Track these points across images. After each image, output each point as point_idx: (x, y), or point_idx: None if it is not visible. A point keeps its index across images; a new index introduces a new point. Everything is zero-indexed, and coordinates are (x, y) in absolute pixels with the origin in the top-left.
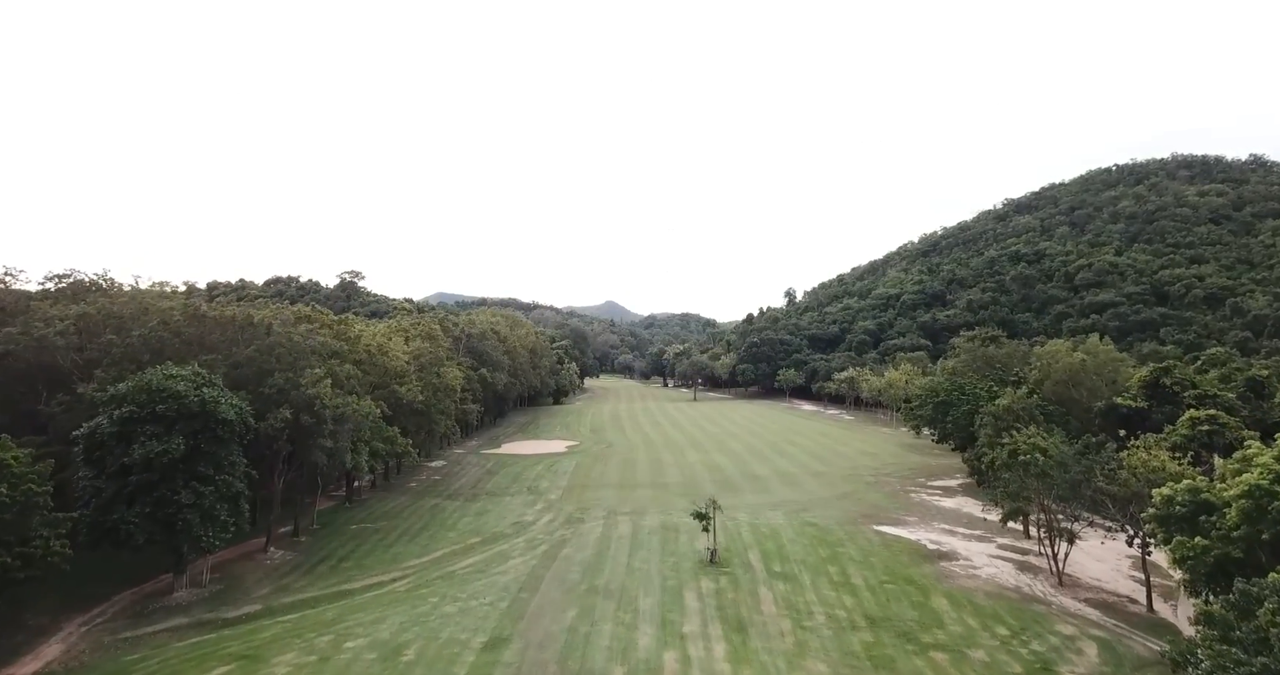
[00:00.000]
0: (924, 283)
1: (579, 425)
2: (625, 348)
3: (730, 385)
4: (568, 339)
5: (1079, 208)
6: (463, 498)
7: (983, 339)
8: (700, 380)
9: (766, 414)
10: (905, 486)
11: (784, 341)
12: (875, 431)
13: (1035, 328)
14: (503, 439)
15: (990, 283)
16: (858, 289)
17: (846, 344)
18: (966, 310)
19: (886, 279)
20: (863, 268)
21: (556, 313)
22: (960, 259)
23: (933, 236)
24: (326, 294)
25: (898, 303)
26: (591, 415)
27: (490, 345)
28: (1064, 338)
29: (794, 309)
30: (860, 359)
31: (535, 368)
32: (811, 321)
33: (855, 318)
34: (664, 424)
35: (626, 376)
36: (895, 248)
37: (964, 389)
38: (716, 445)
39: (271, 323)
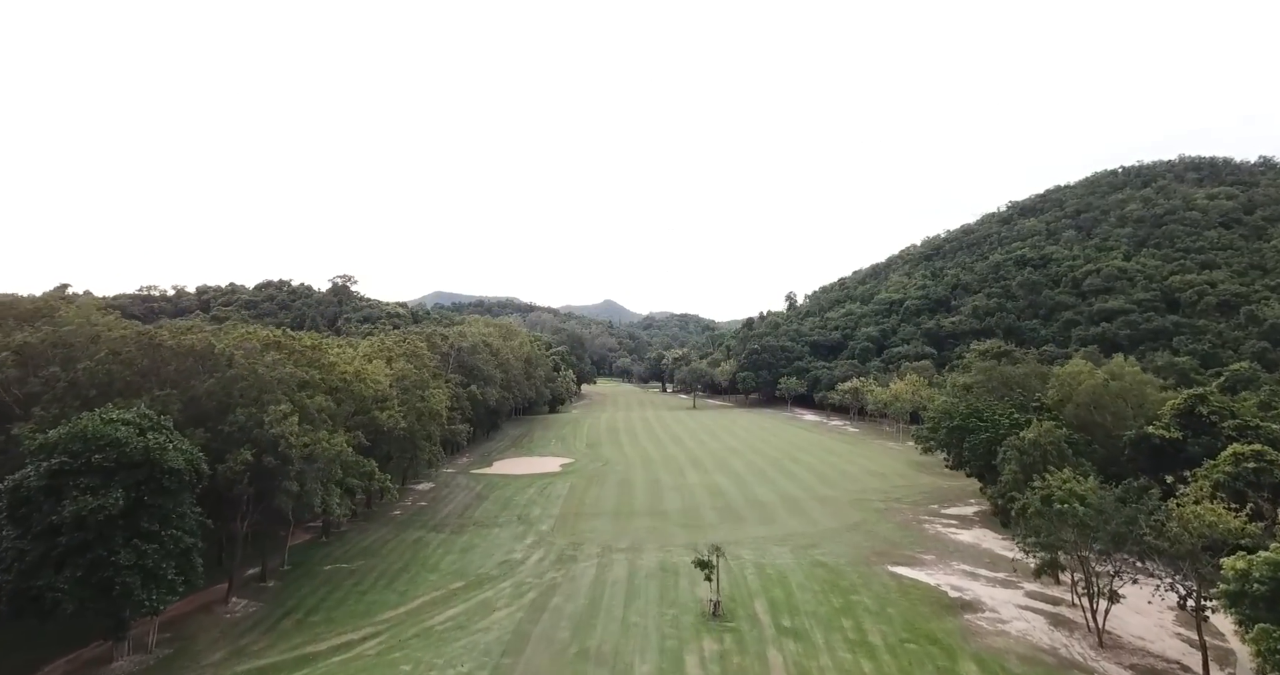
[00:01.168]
0: (928, 288)
1: (574, 439)
2: (623, 351)
3: (730, 392)
4: (564, 345)
5: (1085, 211)
6: (448, 529)
7: (995, 354)
8: (700, 387)
9: (768, 426)
10: (918, 515)
11: (785, 348)
12: (881, 447)
13: (1043, 336)
14: (495, 455)
15: (996, 288)
16: (860, 293)
17: (849, 351)
18: (972, 317)
19: (889, 283)
20: (865, 271)
21: (554, 315)
22: (964, 263)
23: (936, 240)
24: (318, 299)
25: (901, 308)
26: (588, 426)
27: (482, 359)
28: (1074, 346)
29: (795, 314)
30: (863, 367)
31: (530, 378)
32: (813, 327)
33: (858, 324)
34: (663, 438)
35: (624, 380)
36: (897, 251)
37: (982, 414)
38: (717, 464)
39: (234, 353)
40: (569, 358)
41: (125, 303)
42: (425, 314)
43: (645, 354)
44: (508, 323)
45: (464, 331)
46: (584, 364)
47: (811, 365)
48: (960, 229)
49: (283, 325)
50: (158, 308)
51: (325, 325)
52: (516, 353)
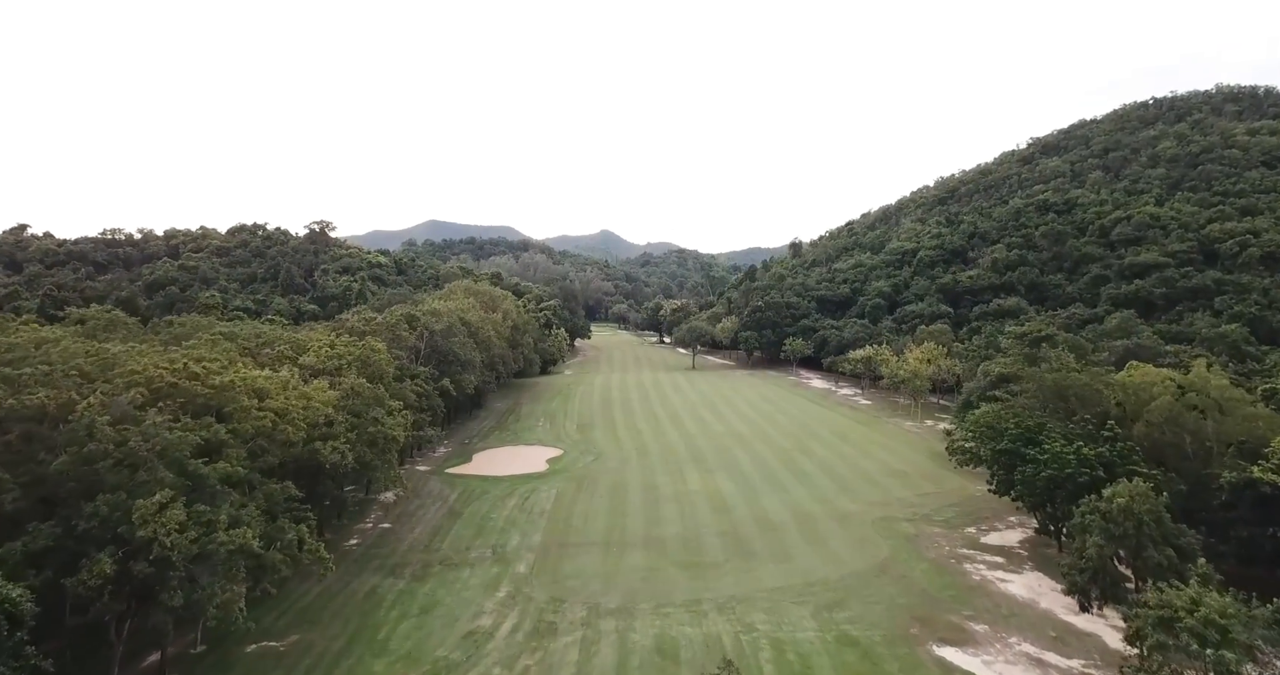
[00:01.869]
0: (943, 237)
1: (564, 417)
2: (620, 295)
3: (732, 348)
4: (556, 298)
5: (1113, 149)
6: (409, 572)
7: (1034, 337)
8: (700, 344)
9: (773, 396)
10: (954, 546)
11: (790, 305)
12: (898, 428)
13: (1069, 293)
14: (476, 443)
15: (1016, 237)
16: (869, 241)
17: (859, 308)
18: (991, 271)
19: (901, 230)
20: (874, 215)
21: (547, 257)
22: (982, 208)
23: (950, 181)
24: (295, 246)
25: (914, 259)
26: (580, 398)
27: (458, 343)
28: (1103, 306)
29: (800, 263)
30: (874, 328)
31: (517, 346)
32: (820, 279)
33: (868, 277)
34: (660, 416)
35: (620, 327)
36: (909, 193)
37: (1035, 437)
38: (720, 458)
39: (95, 419)
40: (561, 312)
41: (86, 248)
42: (410, 262)
43: (642, 299)
44: (491, 290)
45: (438, 310)
46: (577, 318)
47: (819, 324)
48: (976, 169)
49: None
50: (122, 253)
51: (301, 276)
52: (499, 330)
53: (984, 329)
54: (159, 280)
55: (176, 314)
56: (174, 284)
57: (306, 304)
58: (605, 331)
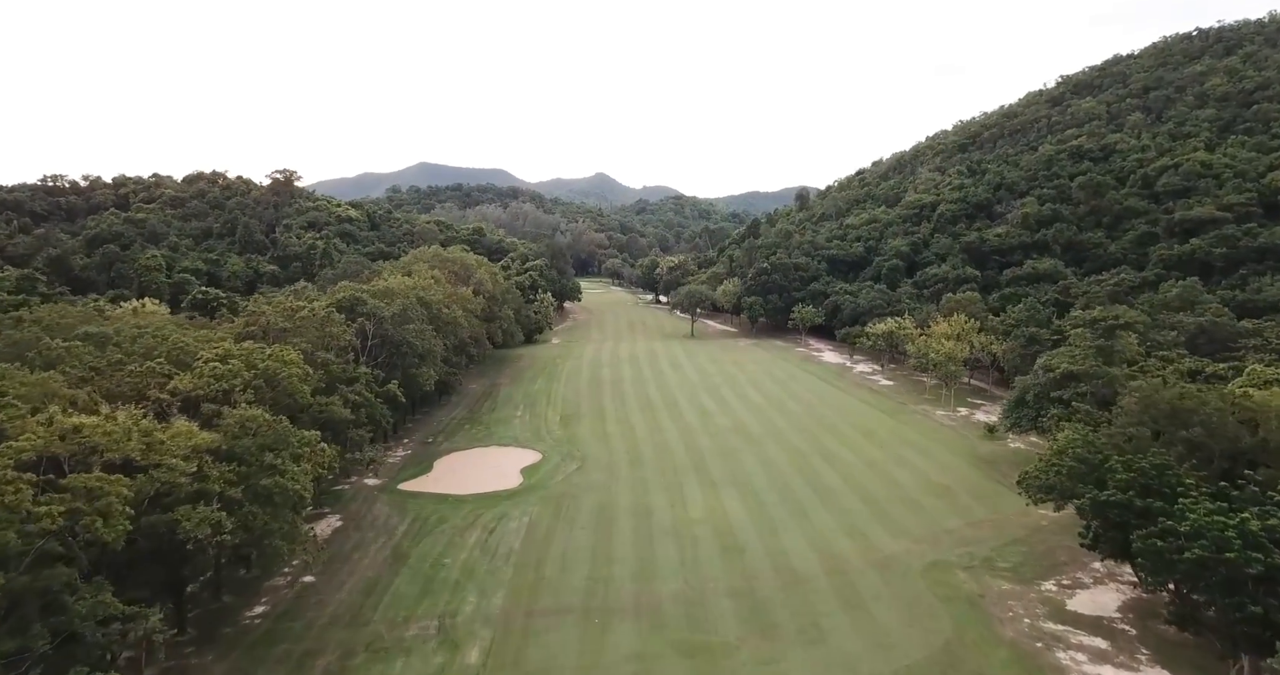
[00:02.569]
0: (965, 189)
1: (547, 405)
2: (613, 248)
3: (736, 312)
4: (543, 258)
5: (1155, 88)
6: (320, 671)
7: (1108, 324)
8: (700, 309)
9: (783, 375)
10: (1034, 614)
11: (799, 267)
12: (928, 420)
13: (1113, 253)
14: (441, 441)
15: (1048, 188)
16: (883, 192)
17: (874, 270)
18: (1022, 228)
19: (918, 181)
20: (887, 163)
21: (537, 206)
22: (1007, 156)
23: (971, 126)
24: (257, 197)
25: (934, 214)
26: (566, 377)
27: (414, 331)
28: (1152, 269)
29: (808, 217)
30: (893, 295)
31: (493, 319)
32: (831, 236)
33: (884, 234)
34: (656, 403)
35: (614, 283)
36: (925, 138)
37: (1160, 487)
38: (727, 468)
39: None
40: (548, 273)
41: (23, 196)
42: (386, 215)
43: (637, 253)
44: (463, 258)
45: (392, 289)
46: (566, 278)
47: (830, 288)
48: (1000, 112)
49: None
50: (64, 203)
51: (262, 232)
52: (470, 305)
53: (1022, 298)
54: (101, 235)
55: (116, 275)
56: (117, 240)
57: (266, 264)
58: (597, 288)
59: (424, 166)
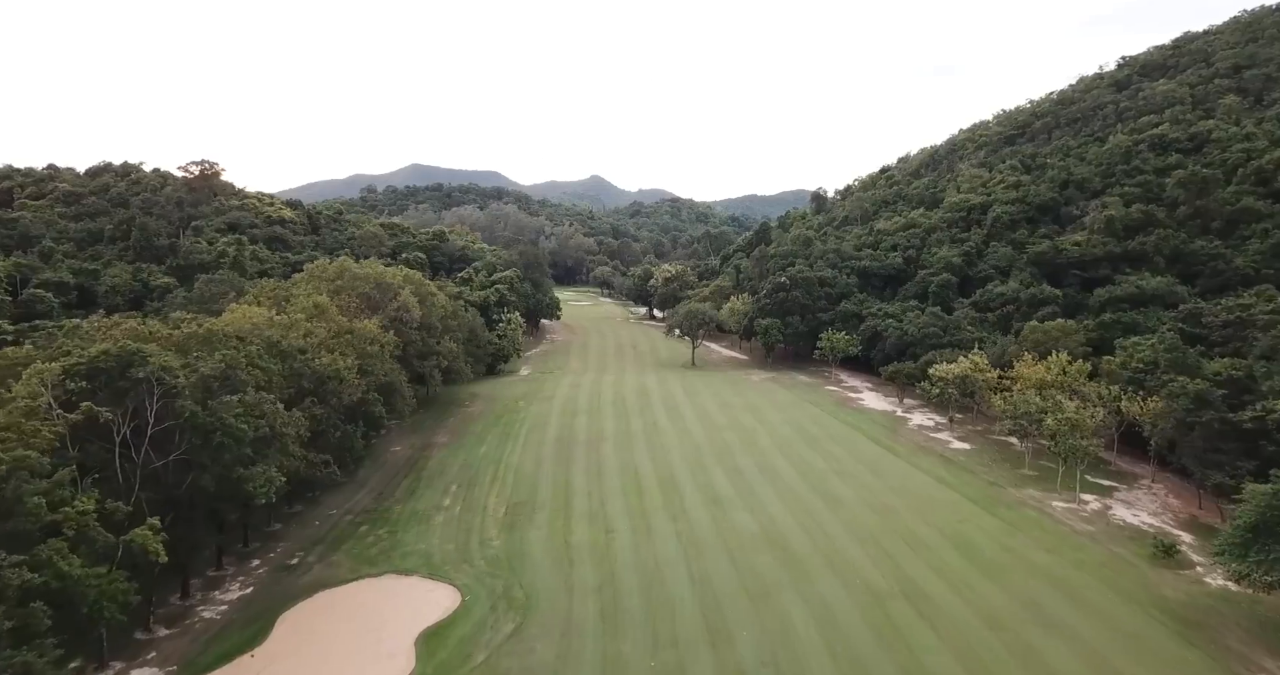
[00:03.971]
0: (1023, 187)
1: (490, 484)
2: (604, 254)
3: (747, 336)
4: (513, 267)
5: (1248, 66)
6: None
7: None
8: (703, 331)
9: (818, 431)
10: None
11: (825, 282)
12: (1052, 522)
13: (1239, 267)
14: (312, 565)
15: (1131, 187)
16: (917, 192)
17: (918, 285)
18: (1105, 234)
19: (960, 178)
20: (916, 159)
21: (520, 208)
22: (1068, 149)
23: (1017, 115)
24: (169, 194)
25: (986, 218)
26: (528, 431)
27: (241, 406)
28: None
29: (828, 221)
30: (948, 319)
31: (428, 355)
32: (860, 244)
33: (925, 241)
34: (647, 485)
35: (603, 294)
36: (959, 131)
37: None
38: (765, 636)
39: None
40: (521, 286)
41: None
42: (335, 216)
43: (629, 260)
44: (379, 274)
45: (213, 334)
46: (543, 292)
47: (865, 308)
48: (1052, 99)
49: (103, 234)
50: None
51: (169, 235)
52: (376, 343)
53: (1132, 328)
54: None
55: None
56: None
57: (161, 276)
58: (584, 300)
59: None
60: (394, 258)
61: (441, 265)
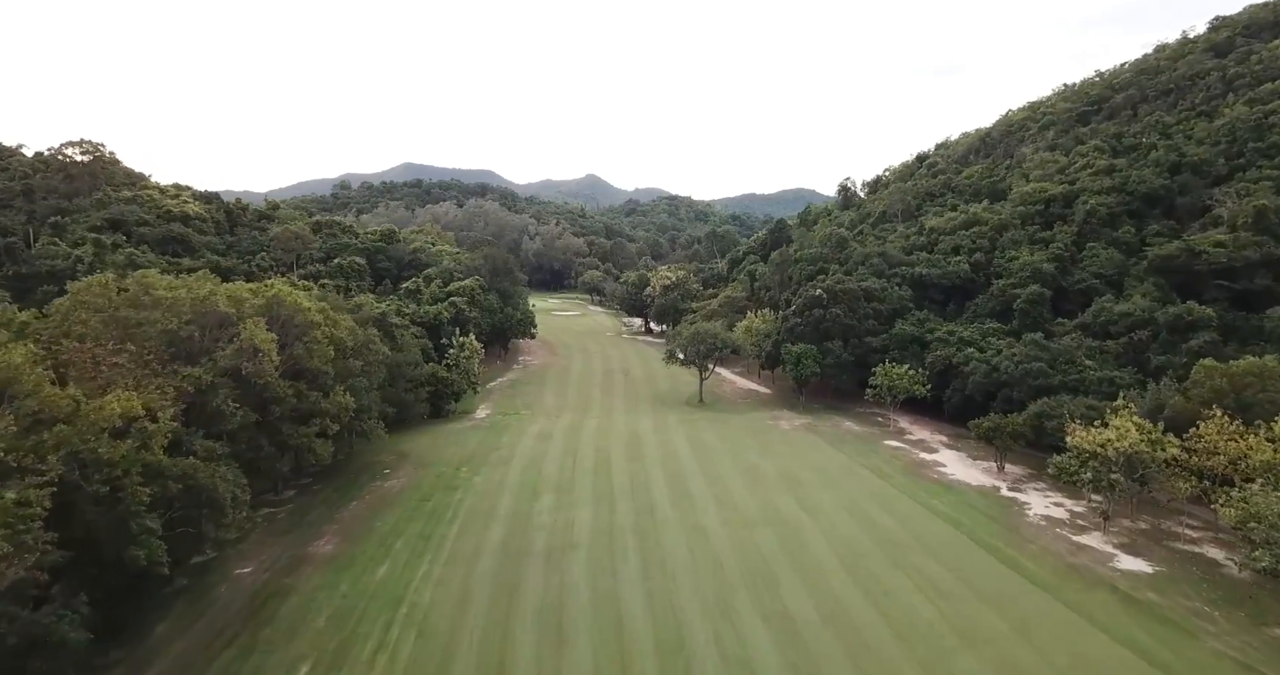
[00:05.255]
0: (1120, 173)
1: (379, 656)
2: (595, 256)
3: (770, 364)
4: (475, 276)
5: None
6: None
7: None
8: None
9: (899, 531)
10: None
11: (869, 293)
12: None
13: None
14: None
15: (1272, 169)
16: (970, 182)
17: (995, 298)
18: (1256, 230)
19: (1026, 163)
20: (961, 144)
21: (503, 206)
22: (1167, 126)
23: (1086, 88)
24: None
25: (1074, 212)
26: (454, 537)
27: None
28: None
29: (861, 218)
30: (1055, 350)
31: (311, 417)
32: (910, 246)
33: (996, 243)
34: (638, 661)
35: (593, 301)
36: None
37: None
38: None
39: None
40: (485, 299)
41: None
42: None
43: (624, 262)
44: (256, 290)
45: None
46: (514, 304)
47: (929, 330)
48: (1129, 68)
49: None
50: None
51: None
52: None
53: None
54: None
55: None
56: None
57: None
58: (570, 309)
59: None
60: (325, 263)
61: (388, 272)
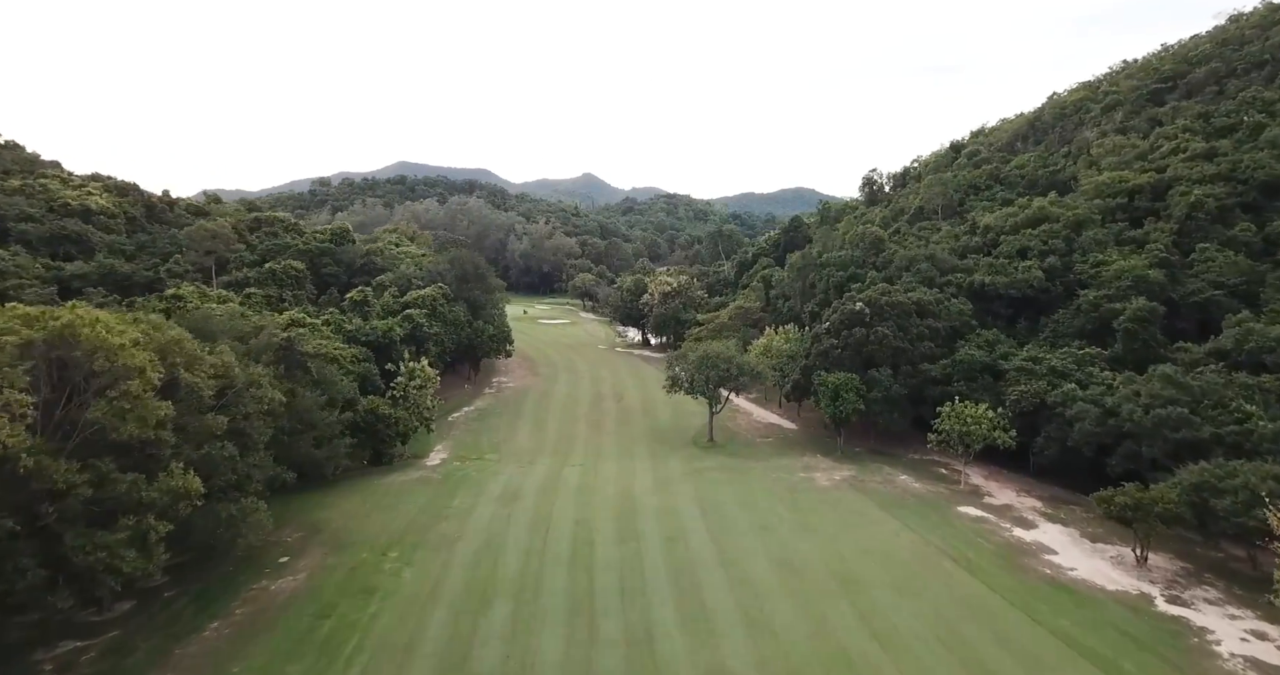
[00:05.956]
0: (1226, 158)
1: None
2: (588, 257)
3: (798, 394)
4: (438, 284)
5: None
6: None
7: None
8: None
9: None
10: None
11: (922, 307)
12: None
13: None
14: None
15: None
16: (1024, 172)
17: (1084, 314)
18: None
19: (1095, 149)
20: (1003, 130)
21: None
22: (1269, 102)
23: (1156, 63)
24: None
25: (1170, 206)
26: None
27: None
28: None
29: (894, 214)
30: (1194, 390)
31: (108, 521)
32: (963, 246)
33: (1075, 243)
34: None
35: (584, 307)
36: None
37: None
38: None
39: None
40: (448, 310)
41: None
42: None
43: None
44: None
45: None
46: (485, 316)
47: (1006, 356)
48: (1206, 39)
49: None
50: None
51: None
52: None
53: None
54: None
55: None
56: None
57: None
58: (559, 316)
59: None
60: (259, 266)
61: (335, 278)
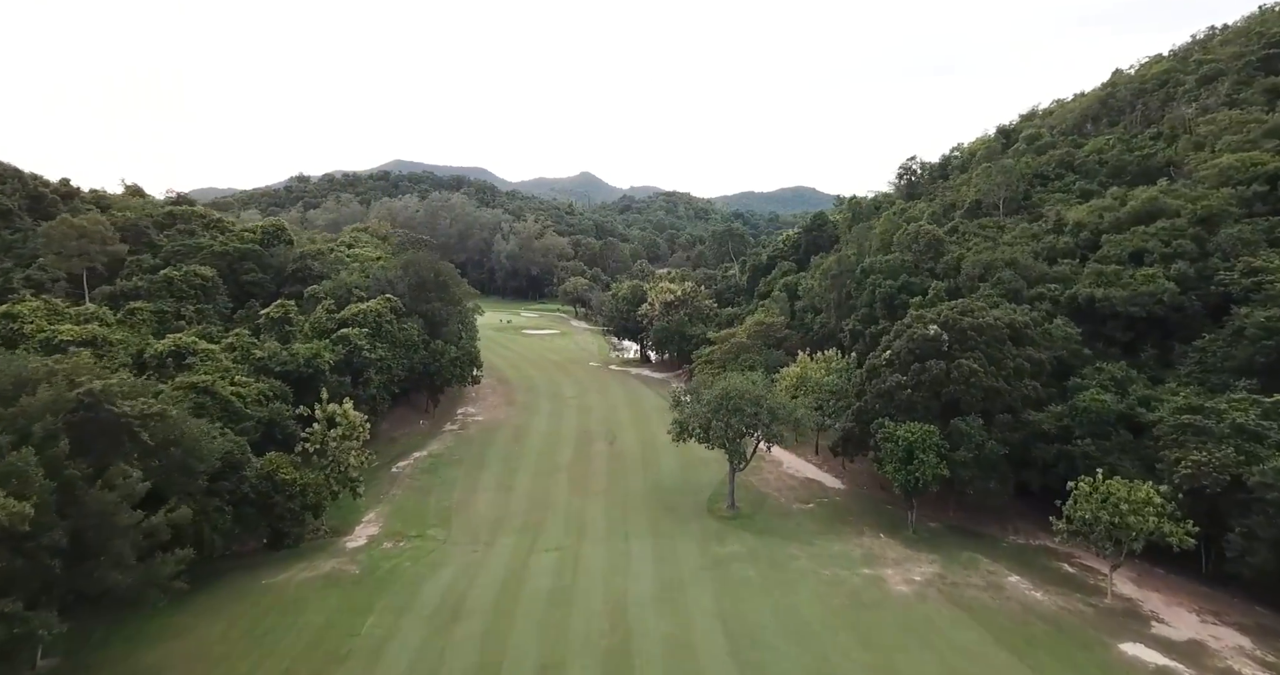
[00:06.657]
0: None
1: None
2: (582, 259)
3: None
4: (385, 294)
5: None
6: None
7: None
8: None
9: None
10: None
11: (1018, 332)
12: None
13: None
14: None
15: None
16: (1110, 157)
17: (1240, 340)
18: None
19: (1197, 126)
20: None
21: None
22: None
23: (1253, 29)
24: None
25: None
26: None
27: None
28: None
29: (945, 209)
30: None
31: None
32: (1046, 247)
33: (1211, 243)
34: None
35: (576, 314)
36: (1140, 61)
37: None
38: None
39: None
40: (399, 329)
41: None
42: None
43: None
44: None
45: None
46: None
47: (1154, 409)
48: None
49: None
50: None
51: None
52: None
53: None
54: None
55: None
56: None
57: None
58: (548, 326)
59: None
60: (155, 274)
61: (259, 288)
